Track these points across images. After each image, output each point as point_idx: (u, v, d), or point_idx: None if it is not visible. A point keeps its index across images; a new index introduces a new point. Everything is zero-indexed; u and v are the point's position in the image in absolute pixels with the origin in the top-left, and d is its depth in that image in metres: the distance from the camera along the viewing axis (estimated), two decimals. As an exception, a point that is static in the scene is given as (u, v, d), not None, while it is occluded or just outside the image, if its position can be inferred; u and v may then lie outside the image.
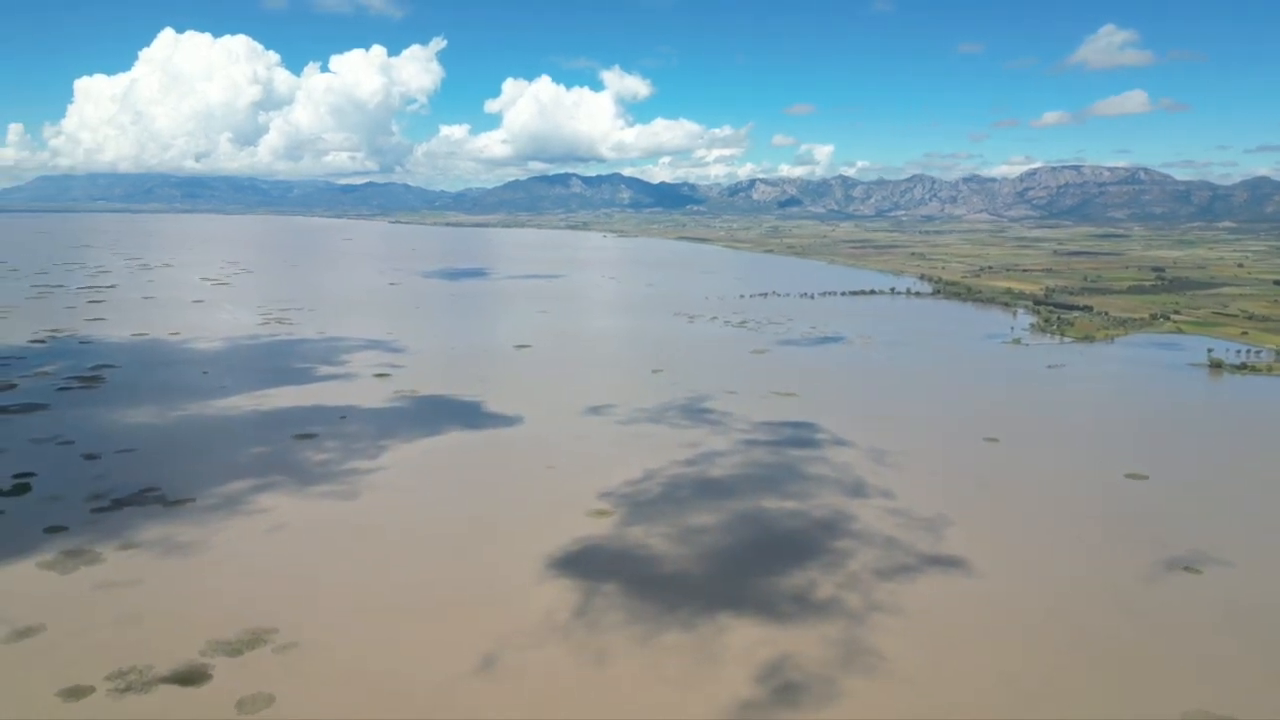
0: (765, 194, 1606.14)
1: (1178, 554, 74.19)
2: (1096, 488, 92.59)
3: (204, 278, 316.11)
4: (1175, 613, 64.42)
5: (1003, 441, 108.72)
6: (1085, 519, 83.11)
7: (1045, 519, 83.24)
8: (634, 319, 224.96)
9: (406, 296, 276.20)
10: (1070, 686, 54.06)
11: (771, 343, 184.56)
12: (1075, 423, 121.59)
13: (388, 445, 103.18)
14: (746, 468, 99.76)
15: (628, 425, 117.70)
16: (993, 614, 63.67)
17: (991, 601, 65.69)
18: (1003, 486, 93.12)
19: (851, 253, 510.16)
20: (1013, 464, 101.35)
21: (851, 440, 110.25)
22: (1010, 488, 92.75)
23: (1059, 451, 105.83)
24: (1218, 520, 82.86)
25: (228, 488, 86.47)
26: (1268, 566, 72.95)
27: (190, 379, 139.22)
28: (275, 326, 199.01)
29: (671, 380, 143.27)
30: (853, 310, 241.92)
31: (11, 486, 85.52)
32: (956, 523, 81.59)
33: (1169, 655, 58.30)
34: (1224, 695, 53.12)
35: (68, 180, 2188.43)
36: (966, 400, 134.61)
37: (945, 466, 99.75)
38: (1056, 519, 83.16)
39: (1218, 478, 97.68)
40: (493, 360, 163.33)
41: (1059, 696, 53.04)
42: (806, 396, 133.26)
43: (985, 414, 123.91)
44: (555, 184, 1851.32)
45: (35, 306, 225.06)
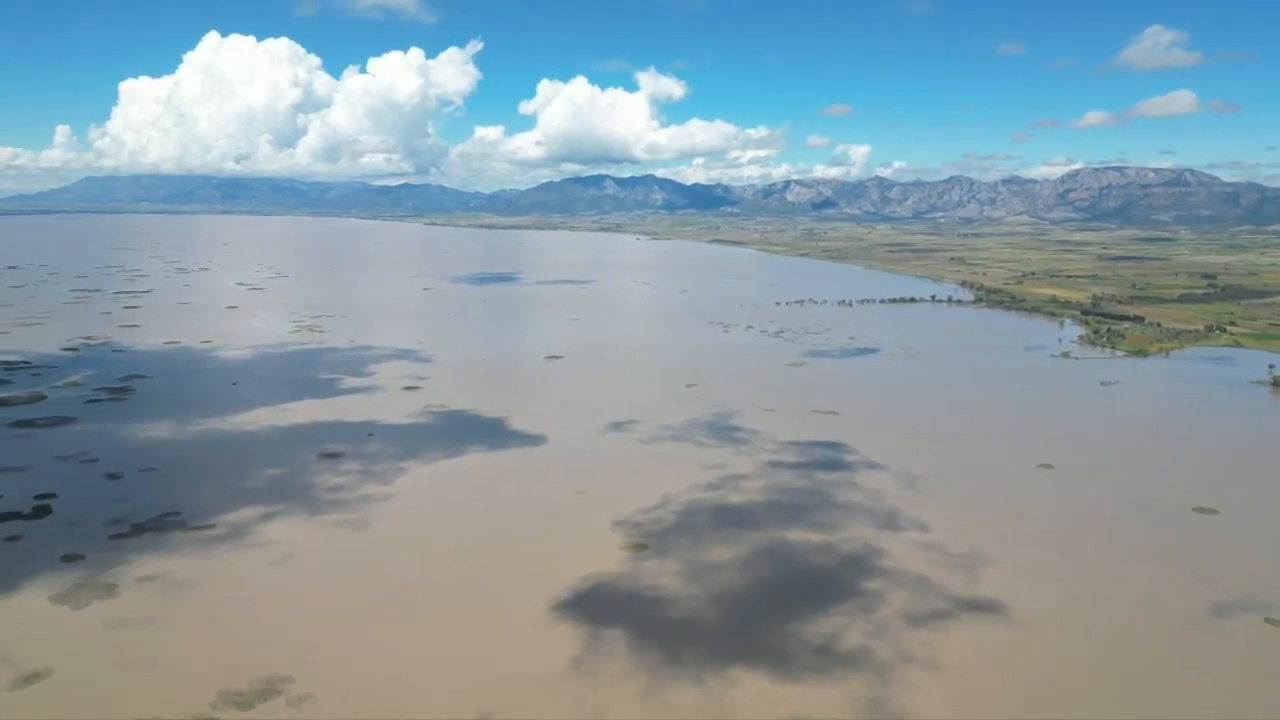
0: (800, 195, 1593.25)
1: (1255, 601, 68.51)
2: (1161, 522, 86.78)
3: (239, 282, 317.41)
4: (1253, 672, 58.98)
5: (1057, 468, 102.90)
6: (1147, 558, 77.46)
7: (1100, 557, 77.70)
8: (668, 328, 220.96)
9: (439, 303, 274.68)
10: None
11: (809, 354, 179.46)
12: (1135, 448, 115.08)
13: (407, 468, 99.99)
14: (771, 493, 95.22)
15: (650, 444, 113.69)
16: (1035, 669, 58.79)
17: (1034, 654, 60.78)
18: (1052, 519, 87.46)
19: (889, 257, 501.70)
20: (1065, 493, 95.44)
21: (885, 463, 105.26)
22: (1061, 520, 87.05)
23: (1118, 480, 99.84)
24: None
25: (247, 513, 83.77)
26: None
27: (219, 391, 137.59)
28: (307, 335, 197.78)
29: (702, 395, 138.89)
30: (892, 319, 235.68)
31: (32, 509, 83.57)
32: (997, 560, 76.48)
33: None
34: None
35: (112, 181, 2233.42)
36: (1014, 420, 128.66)
37: (988, 494, 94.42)
38: (1113, 557, 77.61)
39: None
40: (523, 372, 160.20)
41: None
42: (847, 414, 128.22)
43: (1035, 436, 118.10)
44: (589, 185, 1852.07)
45: (72, 312, 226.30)
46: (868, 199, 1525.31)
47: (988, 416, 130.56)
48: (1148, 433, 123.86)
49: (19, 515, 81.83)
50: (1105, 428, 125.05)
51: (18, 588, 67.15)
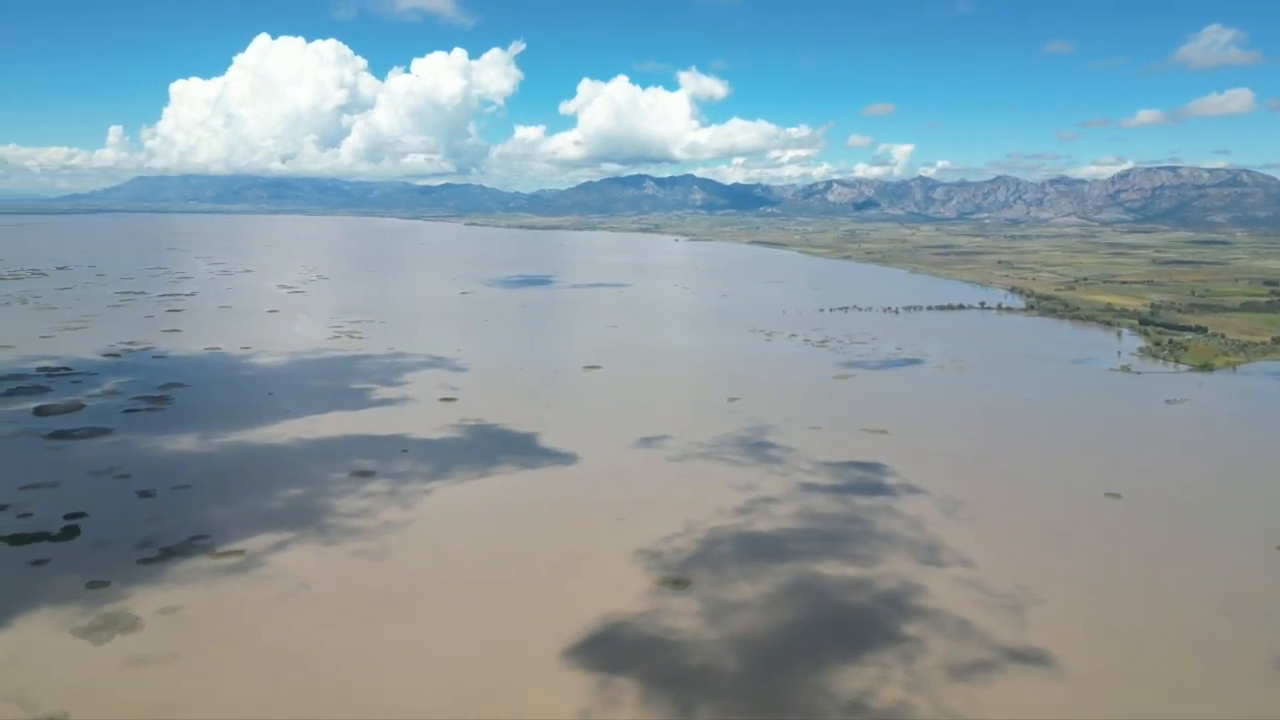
0: (841, 195, 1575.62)
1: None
2: (1241, 564, 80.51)
3: (280, 285, 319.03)
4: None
5: (1126, 497, 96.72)
6: (1225, 607, 71.11)
7: (1171, 604, 71.55)
8: (709, 335, 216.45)
9: (477, 307, 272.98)
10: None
11: (855, 366, 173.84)
12: (1211, 476, 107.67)
13: (433, 490, 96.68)
14: (803, 519, 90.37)
15: (681, 462, 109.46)
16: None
17: (1086, 716, 55.42)
18: (1115, 556, 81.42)
19: (934, 260, 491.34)
20: (1132, 527, 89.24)
21: (928, 487, 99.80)
22: (1125, 558, 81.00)
23: (1196, 514, 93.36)
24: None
25: (270, 539, 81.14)
26: None
27: (256, 401, 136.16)
28: (345, 341, 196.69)
29: (742, 409, 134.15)
30: (940, 327, 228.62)
31: (61, 529, 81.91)
32: (1046, 601, 71.00)
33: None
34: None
35: (162, 181, 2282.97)
36: (1074, 442, 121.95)
37: (1044, 526, 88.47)
38: (1185, 605, 71.39)
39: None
40: (560, 382, 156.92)
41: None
42: (897, 432, 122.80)
43: (1098, 460, 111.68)
44: (628, 185, 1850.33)
45: (116, 315, 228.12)
46: (911, 199, 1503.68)
47: (1044, 437, 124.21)
48: (1225, 459, 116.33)
49: (47, 536, 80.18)
50: (1177, 452, 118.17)
51: (40, 618, 65.05)
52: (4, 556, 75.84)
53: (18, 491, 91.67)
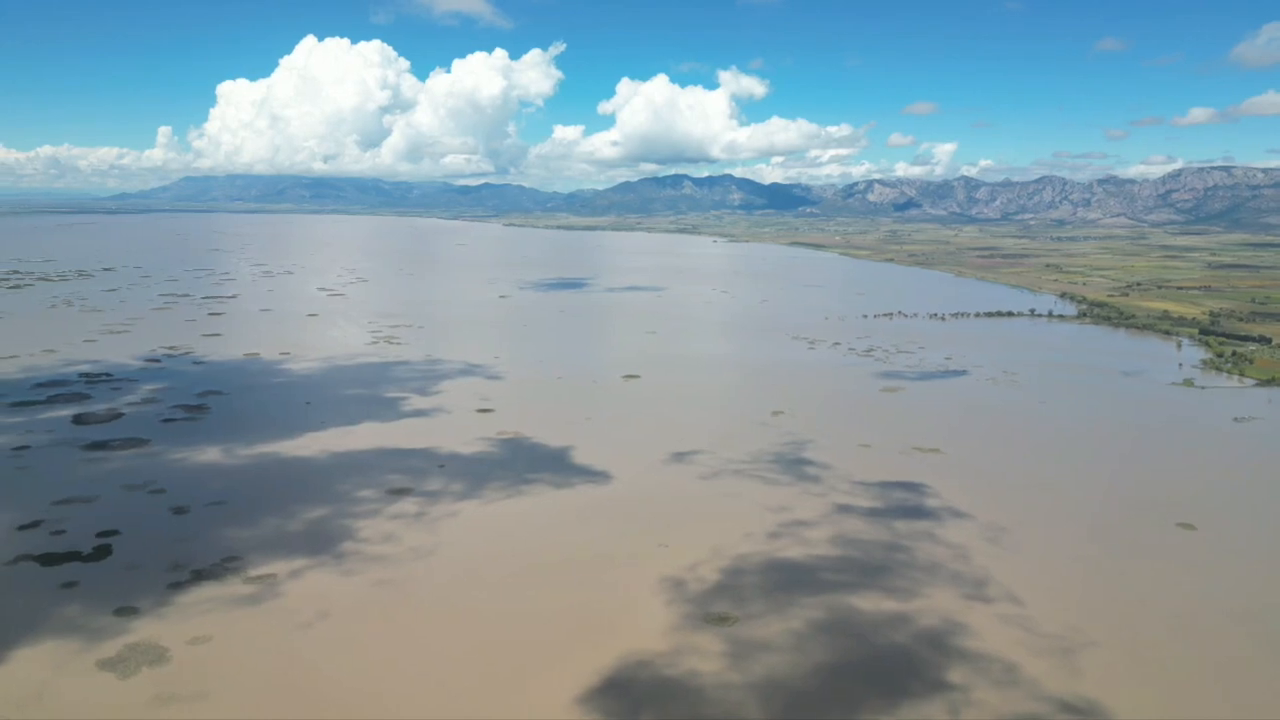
0: (882, 195, 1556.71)
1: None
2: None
3: (320, 287, 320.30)
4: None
5: (1201, 529, 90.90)
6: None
7: (1243, 655, 65.89)
8: (749, 343, 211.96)
9: (515, 312, 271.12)
10: None
11: (903, 377, 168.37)
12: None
13: (462, 510, 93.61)
14: (838, 545, 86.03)
15: (711, 480, 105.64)
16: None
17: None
18: (1182, 595, 75.73)
19: (979, 263, 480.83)
20: (1204, 562, 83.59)
21: (974, 512, 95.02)
22: (1194, 598, 75.24)
23: (1273, 548, 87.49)
24: None
25: (304, 562, 78.75)
26: None
27: (293, 411, 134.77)
28: (384, 347, 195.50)
29: (784, 424, 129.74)
30: (989, 336, 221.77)
31: (93, 549, 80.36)
32: (1102, 644, 66.10)
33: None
34: None
35: (208, 181, 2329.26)
36: (1136, 464, 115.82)
37: (1102, 559, 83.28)
38: (1261, 657, 65.77)
39: None
40: (598, 392, 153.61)
41: None
42: (951, 452, 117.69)
43: (1166, 485, 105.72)
44: (665, 185, 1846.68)
45: (158, 319, 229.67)
46: (953, 199, 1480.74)
47: (1104, 458, 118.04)
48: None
49: (79, 556, 78.63)
50: (1251, 477, 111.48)
51: (67, 648, 63.12)
52: (35, 578, 74.33)
53: (52, 506, 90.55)
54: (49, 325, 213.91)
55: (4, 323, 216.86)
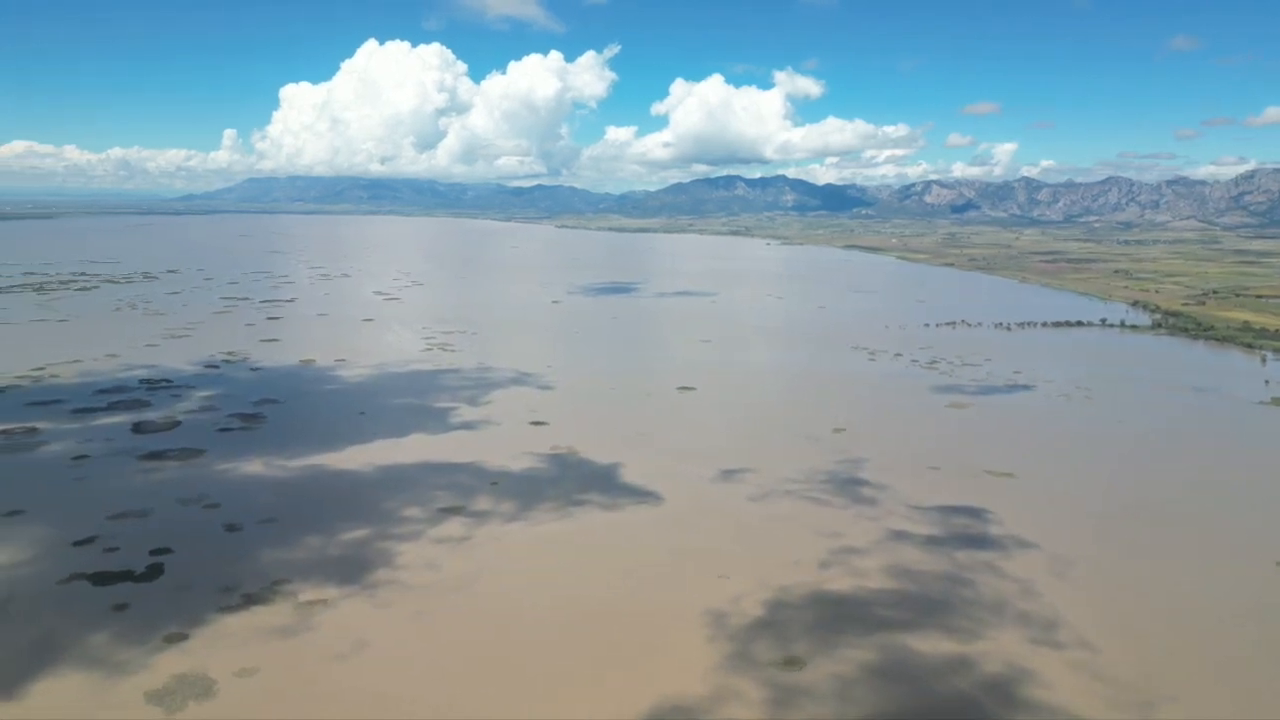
0: (940, 197, 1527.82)
1: None
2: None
3: (376, 291, 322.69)
4: None
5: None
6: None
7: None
8: (807, 353, 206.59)
9: (568, 318, 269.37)
10: None
11: (971, 391, 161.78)
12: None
13: (508, 534, 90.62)
14: (892, 577, 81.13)
15: (761, 501, 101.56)
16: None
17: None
18: (1273, 647, 69.54)
19: (1043, 268, 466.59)
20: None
21: (1041, 542, 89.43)
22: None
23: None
24: None
25: (352, 589, 76.71)
26: None
27: (347, 421, 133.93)
28: (438, 354, 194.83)
29: (842, 441, 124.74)
30: (1059, 348, 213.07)
31: (145, 568, 79.44)
32: (1181, 699, 60.76)
33: None
34: None
35: (270, 182, 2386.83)
36: (1226, 494, 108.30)
37: (1188, 600, 76.94)
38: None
39: None
40: (652, 405, 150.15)
41: None
42: (1024, 475, 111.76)
43: (1259, 519, 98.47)
44: (718, 186, 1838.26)
45: (218, 323, 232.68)
46: (1014, 201, 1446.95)
47: (1188, 485, 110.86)
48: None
49: (131, 576, 77.73)
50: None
51: (116, 677, 61.73)
52: (86, 598, 73.49)
53: (107, 521, 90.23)
54: (113, 328, 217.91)
55: (71, 326, 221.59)
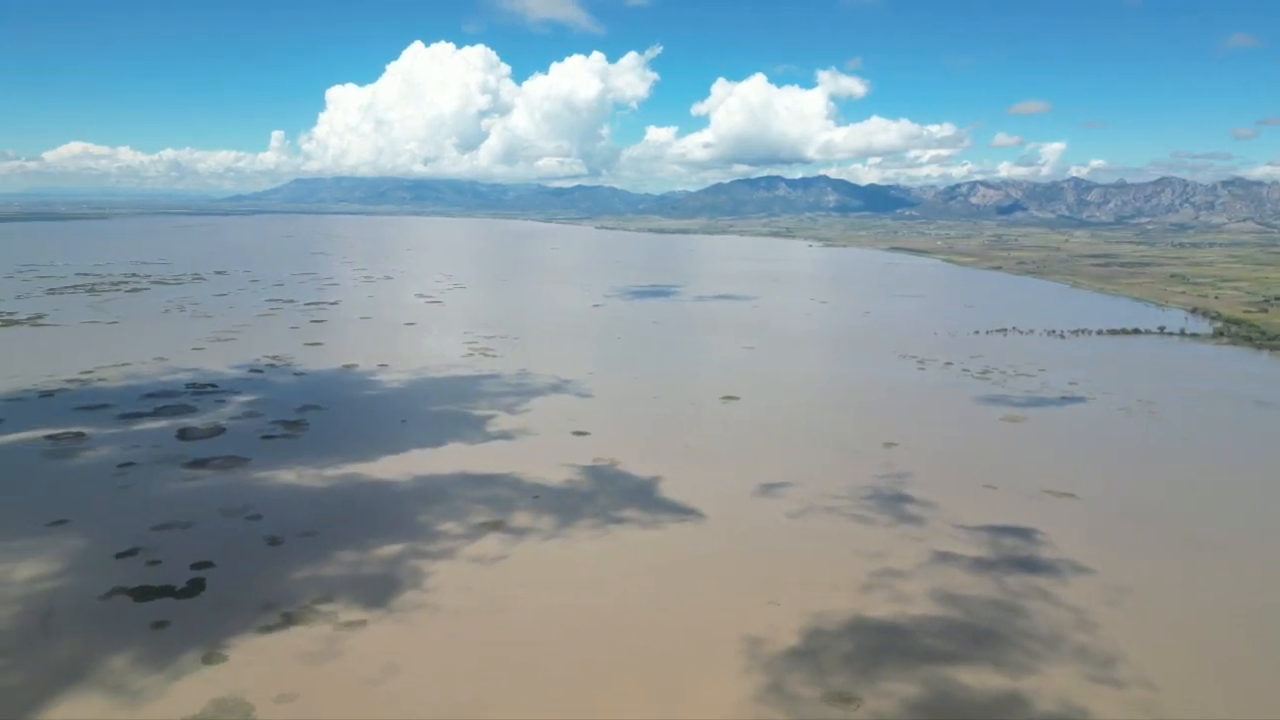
0: (986, 197, 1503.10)
1: None
2: None
3: (418, 294, 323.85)
4: None
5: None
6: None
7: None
8: (854, 361, 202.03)
9: (609, 322, 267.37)
10: None
11: (1024, 404, 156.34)
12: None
13: (545, 553, 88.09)
14: (937, 603, 77.25)
15: (800, 519, 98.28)
16: None
17: None
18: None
19: (1095, 272, 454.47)
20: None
21: (1097, 567, 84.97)
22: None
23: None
24: None
25: (395, 608, 75.02)
26: None
27: (388, 429, 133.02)
28: (479, 359, 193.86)
29: (890, 455, 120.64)
30: (1116, 358, 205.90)
31: (187, 583, 78.55)
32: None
33: None
34: None
35: (316, 183, 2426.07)
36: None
37: (1267, 641, 71.93)
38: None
39: None
40: (696, 416, 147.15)
41: None
42: (1086, 497, 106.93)
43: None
44: (758, 186, 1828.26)
45: (263, 326, 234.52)
46: (1062, 201, 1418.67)
47: (1260, 510, 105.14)
48: None
49: (172, 591, 76.85)
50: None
51: (153, 700, 60.52)
52: (127, 615, 72.66)
53: (150, 532, 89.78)
54: (161, 331, 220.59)
55: (120, 328, 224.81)
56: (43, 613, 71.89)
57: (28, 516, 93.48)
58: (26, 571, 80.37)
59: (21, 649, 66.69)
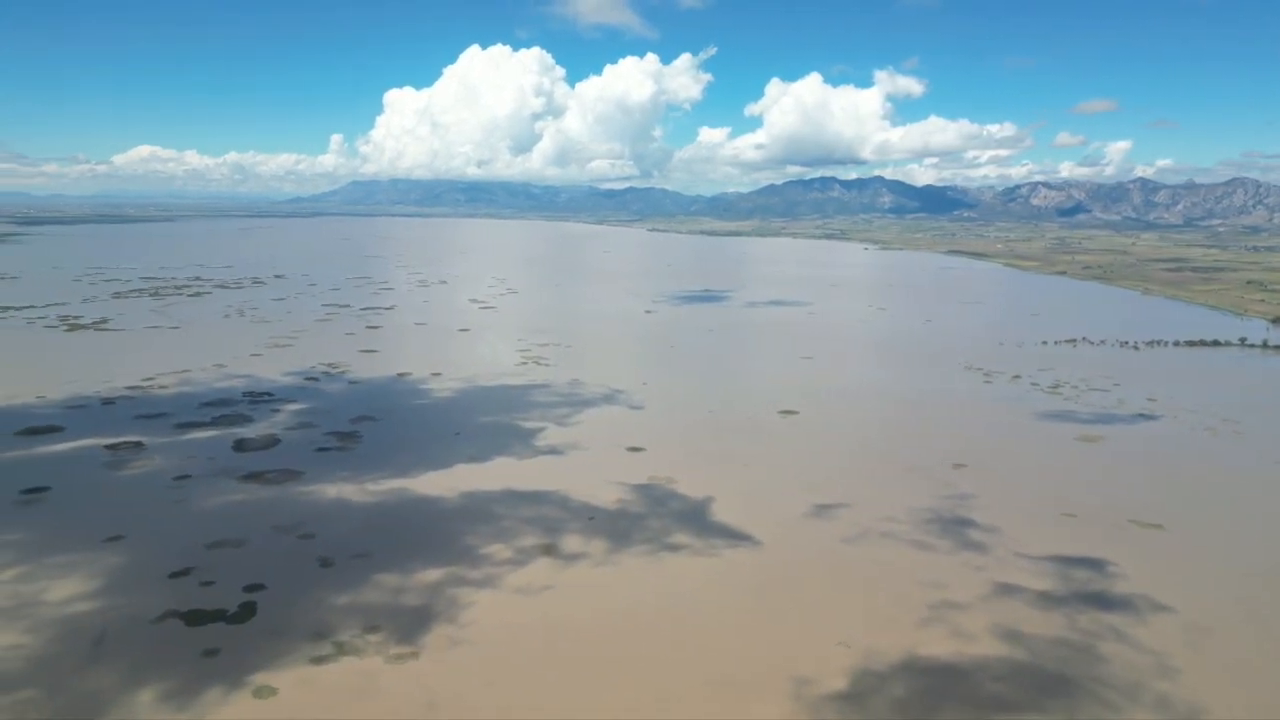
0: (1047, 199, 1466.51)
1: None
2: None
3: (472, 299, 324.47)
4: None
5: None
6: None
7: None
8: (917, 374, 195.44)
9: (662, 329, 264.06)
10: None
11: (1096, 420, 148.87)
12: None
13: (597, 580, 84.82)
14: (1002, 640, 72.23)
15: (856, 543, 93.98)
16: None
17: None
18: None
19: (1167, 277, 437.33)
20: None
21: (1177, 605, 79.00)
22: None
23: None
24: None
25: (448, 642, 72.53)
26: None
27: (442, 442, 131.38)
28: (531, 368, 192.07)
29: (956, 477, 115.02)
30: (1195, 371, 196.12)
31: (238, 607, 77.17)
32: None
33: None
34: None
35: (373, 185, 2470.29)
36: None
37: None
38: None
39: None
40: (754, 431, 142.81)
41: None
42: (1174, 527, 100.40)
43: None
44: (811, 188, 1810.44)
45: (320, 332, 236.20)
46: (1128, 203, 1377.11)
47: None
48: None
49: (223, 616, 75.51)
50: None
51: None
52: (178, 640, 71.33)
53: (204, 551, 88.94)
54: (220, 337, 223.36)
55: (181, 334, 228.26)
56: (95, 637, 70.99)
57: (86, 531, 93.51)
58: (81, 589, 79.90)
59: (71, 674, 65.63)
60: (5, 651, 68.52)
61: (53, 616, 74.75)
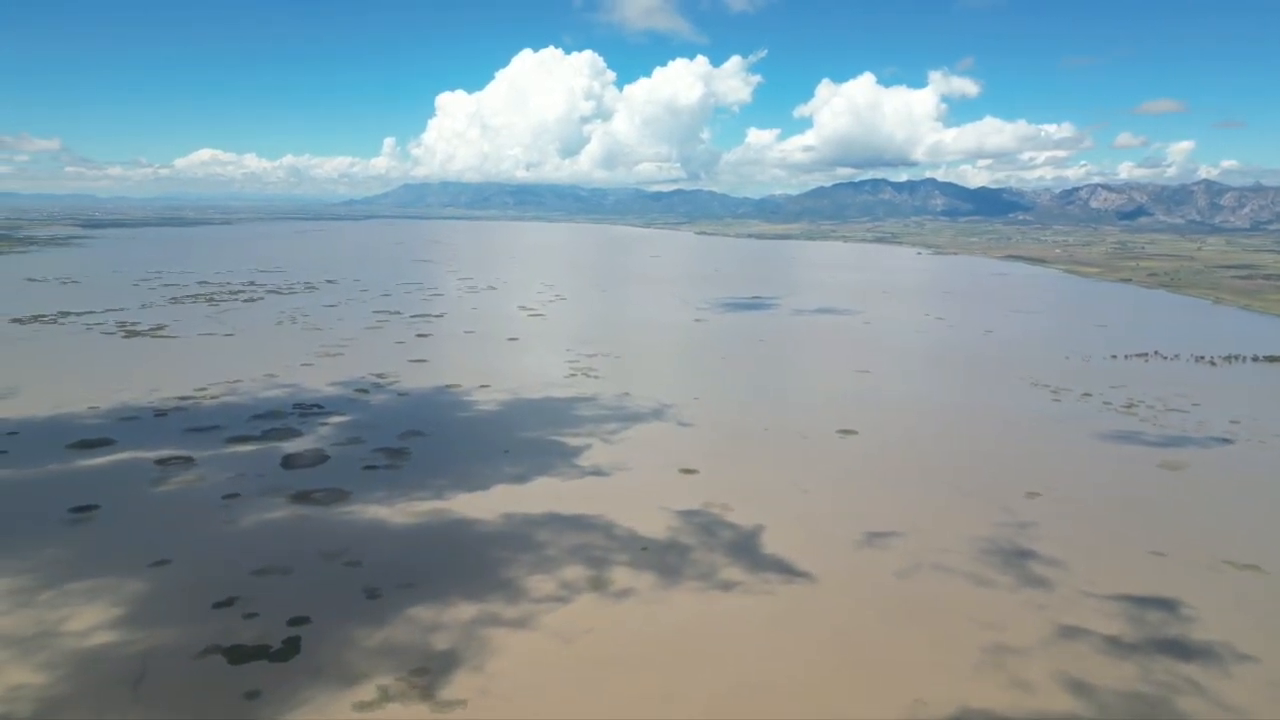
0: (1107, 201, 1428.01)
1: None
2: None
3: (521, 305, 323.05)
4: None
5: None
6: None
7: None
8: (980, 390, 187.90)
9: (711, 339, 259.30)
10: None
11: (1173, 444, 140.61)
12: None
13: (644, 623, 79.92)
14: (1067, 691, 66.37)
15: (910, 578, 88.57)
16: None
17: None
18: None
19: (1238, 285, 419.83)
20: None
21: (1260, 655, 72.64)
22: None
23: None
24: None
25: (494, 691, 68.99)
26: None
27: (490, 461, 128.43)
28: (581, 380, 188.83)
29: (1023, 505, 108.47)
30: (1277, 389, 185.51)
31: (282, 643, 74.62)
32: None
33: None
34: None
35: (424, 188, 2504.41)
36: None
37: None
38: None
39: None
40: (810, 452, 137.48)
41: None
42: (1273, 568, 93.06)
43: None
44: (861, 190, 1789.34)
45: (370, 340, 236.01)
46: (1192, 205, 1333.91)
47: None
48: None
49: (266, 653, 72.95)
50: None
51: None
52: (219, 681, 68.80)
53: (250, 578, 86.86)
54: (273, 345, 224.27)
55: (235, 341, 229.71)
56: (136, 676, 68.83)
57: (132, 553, 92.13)
58: (124, 619, 78.12)
59: (113, 713, 63.51)
60: (38, 691, 66.68)
61: (92, 647, 72.96)
